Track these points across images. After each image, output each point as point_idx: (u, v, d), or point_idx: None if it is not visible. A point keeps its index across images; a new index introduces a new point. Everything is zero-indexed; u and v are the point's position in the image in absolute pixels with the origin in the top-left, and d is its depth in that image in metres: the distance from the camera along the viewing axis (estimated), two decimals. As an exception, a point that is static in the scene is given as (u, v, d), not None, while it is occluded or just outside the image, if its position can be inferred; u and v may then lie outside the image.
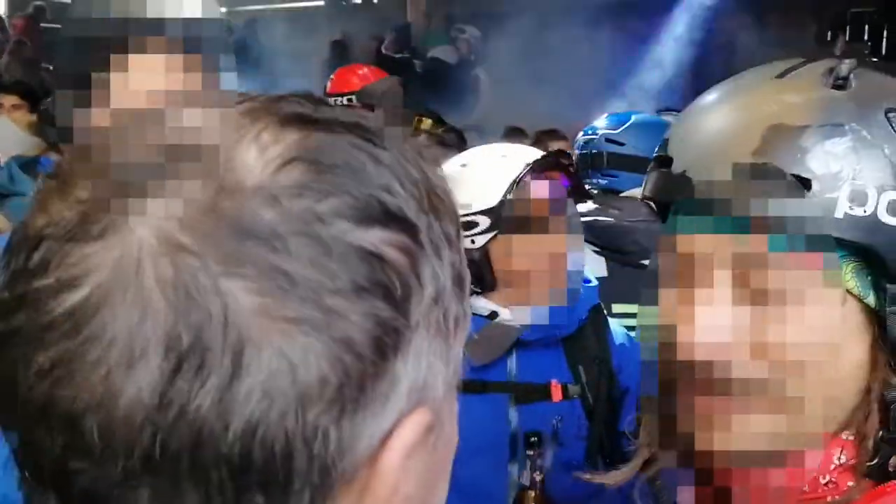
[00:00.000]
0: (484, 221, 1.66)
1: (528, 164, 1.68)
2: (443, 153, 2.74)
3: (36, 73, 7.82)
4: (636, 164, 2.60)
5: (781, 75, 0.82)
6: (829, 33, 9.19)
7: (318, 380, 0.40)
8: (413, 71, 9.04)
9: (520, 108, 4.93)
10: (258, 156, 0.42)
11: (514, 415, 1.70)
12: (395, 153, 0.46)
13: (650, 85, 8.44)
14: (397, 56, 9.41)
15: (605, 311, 1.86)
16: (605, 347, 1.79)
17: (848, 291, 0.77)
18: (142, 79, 0.45)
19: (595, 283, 1.87)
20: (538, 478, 1.60)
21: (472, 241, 1.67)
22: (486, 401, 1.68)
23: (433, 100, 6.28)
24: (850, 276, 0.77)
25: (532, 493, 1.61)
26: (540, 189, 1.67)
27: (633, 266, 2.45)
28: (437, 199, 0.47)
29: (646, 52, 8.87)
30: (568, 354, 1.75)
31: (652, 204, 0.89)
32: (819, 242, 0.73)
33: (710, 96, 0.87)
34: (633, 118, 2.83)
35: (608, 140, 2.73)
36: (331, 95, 3.72)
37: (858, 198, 0.74)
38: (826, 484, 0.80)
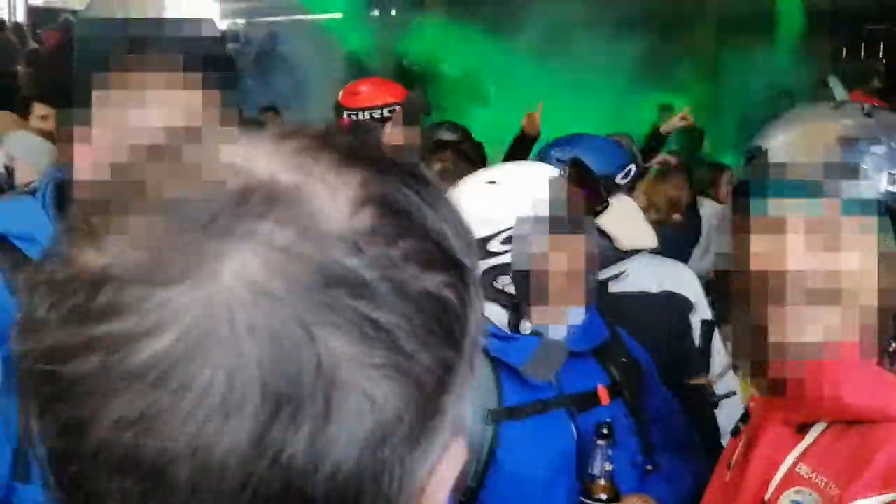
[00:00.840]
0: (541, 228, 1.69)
1: (561, 173, 1.76)
2: (466, 168, 2.75)
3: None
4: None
5: (836, 107, 1.28)
6: (844, 51, 9.18)
7: (395, 419, 0.42)
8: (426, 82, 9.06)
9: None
10: (331, 199, 0.42)
11: (573, 427, 1.73)
12: (437, 193, 0.47)
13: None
14: (413, 68, 9.46)
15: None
16: (622, 342, 1.86)
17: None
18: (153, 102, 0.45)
19: None
20: (609, 467, 1.62)
21: (525, 253, 1.70)
22: (547, 419, 1.71)
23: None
24: (880, 228, 1.15)
25: (602, 482, 1.62)
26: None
27: None
28: (470, 238, 0.49)
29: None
30: (597, 358, 1.79)
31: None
32: (864, 208, 1.15)
33: (787, 119, 1.31)
34: (582, 140, 2.84)
35: (559, 160, 2.73)
36: (364, 109, 3.50)
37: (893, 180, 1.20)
38: None
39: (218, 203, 0.41)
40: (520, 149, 4.12)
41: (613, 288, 2.38)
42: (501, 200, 1.71)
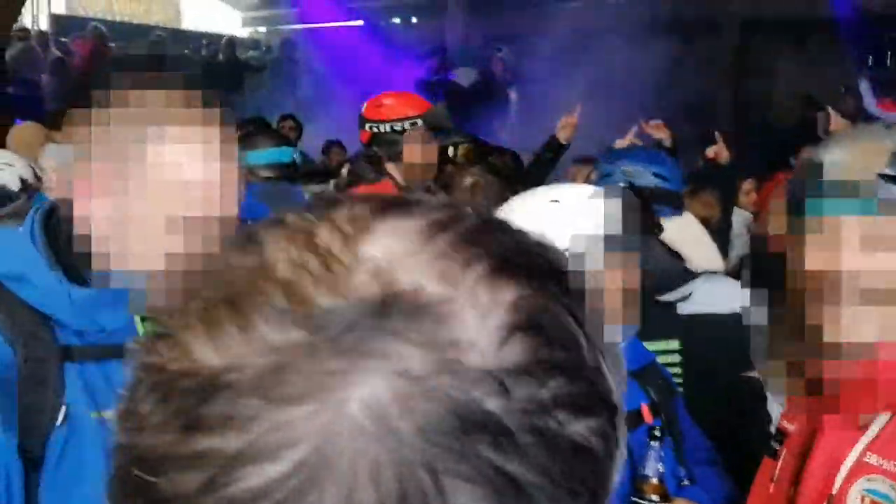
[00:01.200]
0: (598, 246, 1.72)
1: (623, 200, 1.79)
2: (493, 181, 2.73)
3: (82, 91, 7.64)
4: (674, 198, 2.71)
5: (887, 126, 1.31)
6: (870, 58, 9.10)
7: None
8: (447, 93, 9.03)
9: (553, 128, 4.91)
10: (479, 324, 0.37)
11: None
12: (584, 298, 0.42)
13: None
14: (433, 79, 9.44)
15: None
16: (655, 364, 1.92)
17: None
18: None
19: None
20: (661, 468, 1.64)
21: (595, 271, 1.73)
22: None
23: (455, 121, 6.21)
24: None
25: (654, 482, 1.65)
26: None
27: None
28: (621, 368, 0.43)
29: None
30: (635, 378, 1.83)
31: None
32: None
33: (841, 135, 1.37)
34: (656, 156, 2.87)
35: (656, 175, 2.74)
36: (386, 121, 3.49)
37: None
38: None
39: (352, 313, 0.36)
40: (548, 157, 4.03)
41: (683, 310, 2.35)
42: (564, 219, 1.73)
